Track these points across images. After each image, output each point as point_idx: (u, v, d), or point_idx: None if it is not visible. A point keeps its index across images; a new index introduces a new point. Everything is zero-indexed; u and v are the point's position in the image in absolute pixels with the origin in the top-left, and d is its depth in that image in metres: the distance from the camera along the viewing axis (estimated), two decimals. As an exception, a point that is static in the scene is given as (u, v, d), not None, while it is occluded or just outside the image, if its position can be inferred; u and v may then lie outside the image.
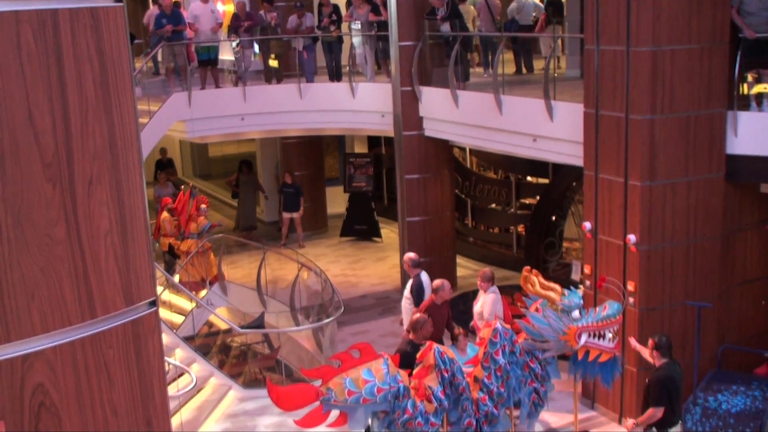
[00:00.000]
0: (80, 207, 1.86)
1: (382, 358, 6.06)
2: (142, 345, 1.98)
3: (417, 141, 11.77)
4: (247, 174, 15.43)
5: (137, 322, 1.97)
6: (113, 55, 1.90)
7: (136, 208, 1.97)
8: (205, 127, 12.18)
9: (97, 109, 1.88)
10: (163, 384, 2.06)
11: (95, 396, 1.91)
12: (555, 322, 6.50)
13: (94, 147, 1.88)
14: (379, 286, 12.92)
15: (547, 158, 10.12)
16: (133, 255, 1.96)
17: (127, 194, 1.95)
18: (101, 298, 1.91)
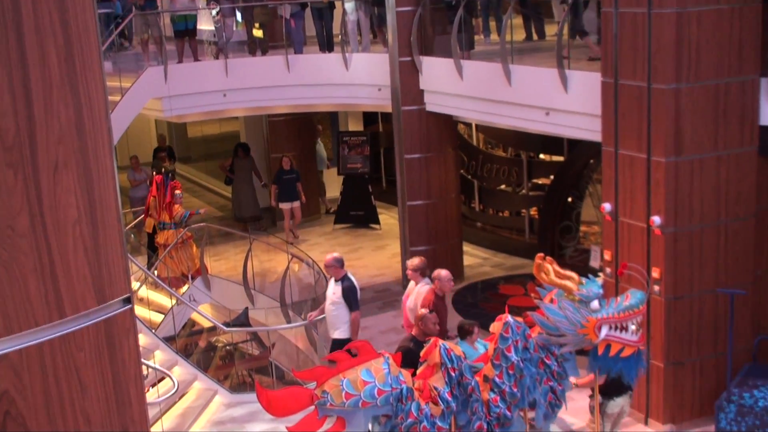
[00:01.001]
0: (45, 195, 1.86)
1: (383, 357, 6.07)
2: (117, 346, 1.98)
3: (418, 117, 11.76)
4: (243, 158, 15.25)
5: (110, 321, 1.97)
6: (79, 27, 1.89)
7: (107, 195, 1.97)
8: (183, 105, 12.15)
9: (62, 87, 1.88)
10: (140, 389, 2.07)
11: (65, 403, 1.91)
12: (572, 314, 6.52)
13: (60, 129, 1.88)
14: (378, 278, 12.95)
15: (562, 133, 10.10)
16: (105, 247, 1.96)
17: (97, 180, 1.94)
18: (70, 296, 1.91)
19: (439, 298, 8.30)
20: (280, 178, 14.43)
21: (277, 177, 14.50)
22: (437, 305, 8.19)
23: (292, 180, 14.41)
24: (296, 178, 14.44)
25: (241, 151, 15.25)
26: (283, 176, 14.39)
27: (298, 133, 15.80)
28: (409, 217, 12.07)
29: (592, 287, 6.61)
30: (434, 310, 8.01)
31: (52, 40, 1.85)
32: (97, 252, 1.95)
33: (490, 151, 14.64)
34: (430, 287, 8.40)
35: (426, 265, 8.43)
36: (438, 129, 11.89)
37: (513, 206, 14.29)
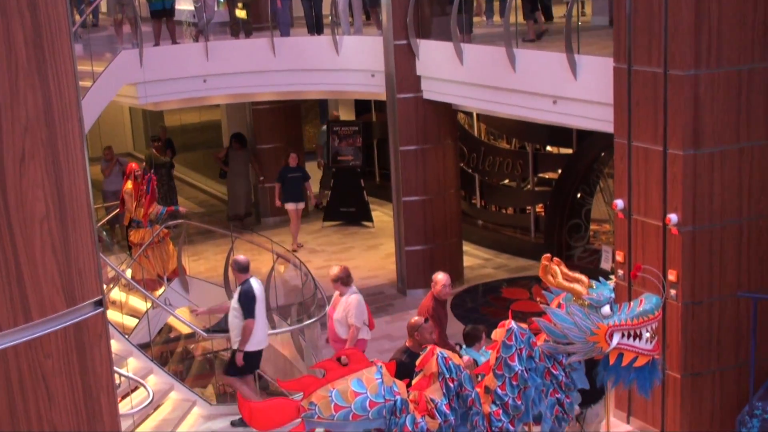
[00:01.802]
0: (10, 189, 1.86)
1: (375, 366, 6.08)
2: (87, 353, 1.98)
3: (414, 105, 11.76)
4: (239, 149, 15.09)
5: (81, 325, 1.97)
6: (48, 7, 1.89)
7: (78, 189, 1.97)
8: (159, 92, 12.13)
9: (30, 71, 1.88)
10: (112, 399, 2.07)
11: (31, 414, 1.92)
12: (581, 320, 6.54)
13: (26, 117, 1.88)
14: (371, 280, 12.95)
15: (570, 123, 10.12)
16: (75, 246, 1.96)
17: (67, 173, 1.95)
18: (37, 298, 1.91)
19: (439, 303, 8.31)
20: (285, 176, 14.06)
21: (282, 175, 14.11)
22: (437, 311, 8.20)
23: (299, 179, 14.10)
24: (303, 177, 14.15)
25: (236, 143, 15.07)
26: (288, 174, 14.07)
27: (284, 123, 15.79)
28: (405, 214, 12.08)
29: (603, 291, 6.62)
30: (433, 316, 8.02)
31: (19, 22, 1.85)
32: (66, 251, 1.95)
33: (493, 142, 14.65)
34: (429, 292, 8.41)
35: (348, 273, 8.47)
36: (436, 118, 11.89)
37: (517, 203, 14.31)
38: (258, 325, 8.36)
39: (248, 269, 8.55)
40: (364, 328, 8.49)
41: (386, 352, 10.37)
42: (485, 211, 14.75)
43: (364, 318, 8.41)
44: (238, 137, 15.15)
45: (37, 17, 1.88)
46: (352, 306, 8.34)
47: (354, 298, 8.35)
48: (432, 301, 8.38)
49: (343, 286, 8.39)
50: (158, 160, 15.41)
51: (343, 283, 8.38)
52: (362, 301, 8.42)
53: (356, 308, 8.32)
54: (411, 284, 12.25)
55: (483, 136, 14.76)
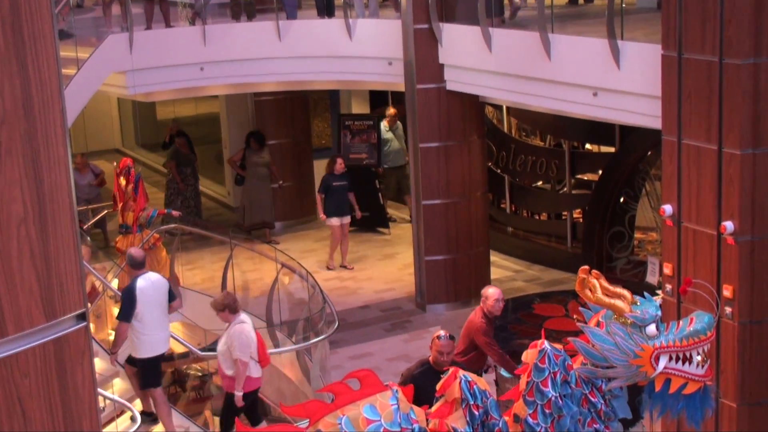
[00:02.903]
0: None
1: (390, 390, 6.07)
2: (68, 372, 1.99)
3: (436, 97, 11.76)
4: (257, 150, 14.72)
5: (61, 341, 1.98)
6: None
7: (59, 189, 1.98)
8: (151, 81, 12.19)
9: (7, 58, 1.89)
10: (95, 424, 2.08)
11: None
12: (624, 340, 6.51)
13: (2, 108, 1.89)
14: (387, 293, 12.95)
15: (613, 118, 10.08)
16: (56, 252, 1.97)
17: (48, 171, 1.96)
18: (13, 311, 1.92)
19: (490, 321, 8.40)
20: (329, 184, 13.46)
21: (325, 184, 13.54)
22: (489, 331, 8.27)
23: (344, 188, 13.55)
24: (348, 186, 13.60)
25: (254, 142, 14.71)
26: (333, 182, 13.46)
27: (290, 116, 15.82)
28: (425, 219, 12.07)
29: (649, 308, 6.59)
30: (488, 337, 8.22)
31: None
32: (46, 258, 1.96)
33: (525, 139, 14.62)
34: (479, 307, 8.42)
35: (234, 300, 8.38)
36: (461, 112, 11.89)
37: (552, 207, 14.27)
38: (150, 327, 8.37)
39: (143, 264, 8.54)
40: (254, 364, 8.33)
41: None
42: (516, 216, 14.70)
43: (251, 351, 8.22)
44: (256, 136, 14.79)
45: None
46: (235, 337, 8.19)
47: (238, 328, 8.19)
48: (484, 319, 8.38)
49: (231, 314, 8.24)
50: (180, 159, 15.33)
51: (230, 311, 8.24)
52: (249, 332, 8.24)
53: (239, 339, 8.14)
54: (431, 298, 12.23)
55: (514, 133, 14.73)
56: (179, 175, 15.24)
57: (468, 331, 8.53)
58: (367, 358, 10.92)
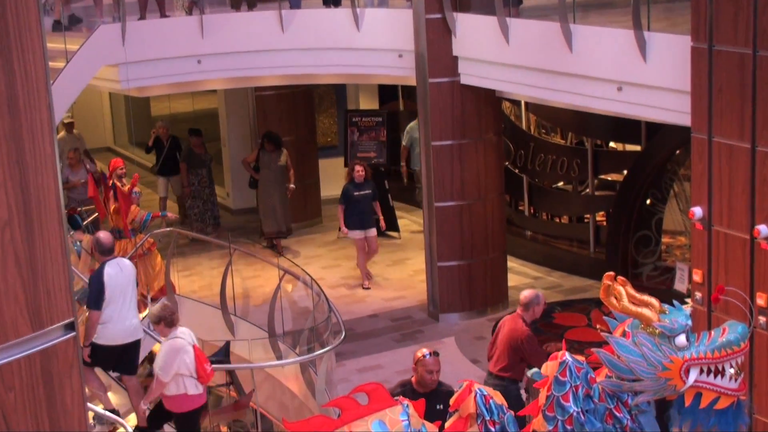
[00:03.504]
0: (-34, 190, 1.87)
1: (401, 404, 6.07)
2: (56, 385, 1.99)
3: (449, 92, 11.75)
4: (273, 152, 14.49)
5: (49, 353, 1.98)
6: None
7: (46, 190, 1.98)
8: (145, 74, 12.20)
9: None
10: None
11: (-10, 459, 1.93)
12: (651, 351, 6.49)
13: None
14: (397, 302, 12.94)
15: (638, 115, 10.06)
16: (43, 258, 1.97)
17: (33, 171, 1.96)
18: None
19: (526, 324, 8.48)
20: (350, 194, 13.11)
21: (346, 194, 13.18)
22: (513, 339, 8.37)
23: (367, 198, 13.16)
24: (372, 195, 13.22)
25: (268, 143, 14.50)
26: (354, 192, 13.11)
27: (293, 112, 15.83)
28: (438, 222, 12.06)
29: (678, 317, 6.57)
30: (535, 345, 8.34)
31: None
32: (32, 263, 1.96)
33: (545, 137, 14.60)
34: (515, 314, 8.50)
35: (170, 312, 8.27)
36: (476, 108, 11.88)
37: (573, 210, 14.25)
38: (114, 317, 8.42)
39: (112, 251, 8.62)
40: (192, 381, 8.24)
41: (414, 388, 10.35)
42: (535, 219, 14.67)
43: (176, 368, 8.11)
44: (270, 137, 14.57)
45: (0, -15, 1.90)
46: (160, 353, 8.17)
47: (165, 345, 8.14)
48: (524, 325, 8.44)
49: (167, 328, 8.18)
50: (193, 161, 15.25)
51: (166, 324, 8.16)
52: (178, 350, 8.13)
53: (163, 357, 8.09)
54: (444, 307, 12.23)
55: (533, 130, 14.71)
56: (191, 177, 15.19)
57: (513, 342, 8.42)
58: (376, 371, 10.91)
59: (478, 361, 10.96)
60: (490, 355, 8.67)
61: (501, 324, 8.71)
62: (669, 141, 11.86)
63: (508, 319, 8.63)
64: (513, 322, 8.55)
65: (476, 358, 11.06)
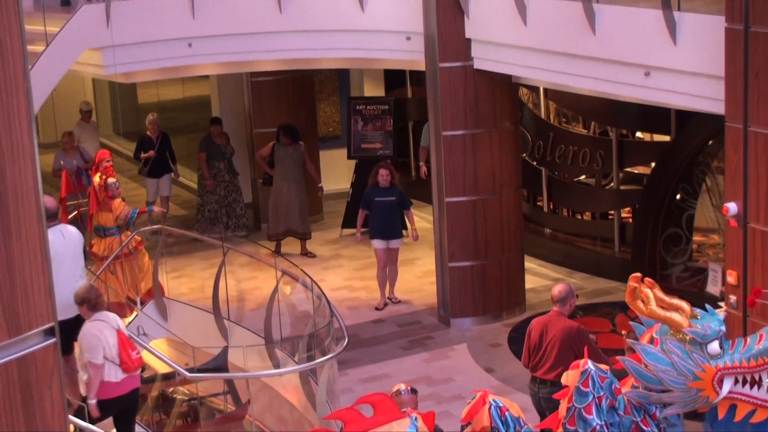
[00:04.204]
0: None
1: (408, 417, 6.07)
2: (35, 396, 1.99)
3: (462, 77, 11.74)
4: (289, 145, 14.40)
5: (27, 361, 1.98)
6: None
7: (24, 184, 1.98)
8: (131, 59, 12.20)
9: (-38, 30, 1.89)
10: (68, 457, 2.07)
11: (-36, 476, 1.93)
12: (682, 359, 6.48)
13: (-42, 90, 1.89)
14: (404, 306, 12.94)
15: (668, 102, 10.04)
16: (20, 258, 1.97)
17: (11, 162, 1.95)
18: (-29, 325, 1.92)
19: (562, 318, 8.58)
20: (371, 199, 12.86)
21: (368, 199, 12.93)
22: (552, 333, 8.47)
23: (391, 205, 12.78)
24: (398, 201, 12.79)
25: (285, 136, 14.43)
26: (376, 197, 12.79)
27: (292, 100, 15.83)
28: (449, 219, 12.05)
29: (711, 322, 6.56)
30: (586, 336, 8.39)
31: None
32: (8, 263, 1.96)
33: (565, 126, 14.58)
34: (552, 314, 8.57)
35: (95, 295, 8.29)
36: (491, 95, 11.86)
37: (597, 205, 14.23)
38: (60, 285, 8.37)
39: (56, 216, 8.75)
40: (113, 367, 8.30)
41: (422, 399, 10.34)
42: (555, 216, 14.66)
43: (103, 351, 8.18)
44: (287, 130, 14.48)
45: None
46: (82, 336, 8.21)
47: (86, 327, 8.20)
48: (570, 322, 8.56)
49: (89, 311, 8.23)
50: (213, 151, 15.06)
51: (89, 306, 8.22)
52: (101, 330, 8.19)
53: (86, 339, 8.14)
54: (456, 311, 12.22)
55: (552, 119, 14.69)
56: (210, 170, 15.08)
57: (568, 341, 8.45)
58: (382, 381, 10.90)
59: (492, 370, 10.97)
60: (535, 363, 8.60)
61: (539, 328, 8.63)
62: (701, 131, 11.84)
63: (549, 321, 8.59)
64: (558, 321, 8.54)
65: (490, 367, 11.06)
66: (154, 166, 15.46)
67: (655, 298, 6.63)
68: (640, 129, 13.88)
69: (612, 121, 13.51)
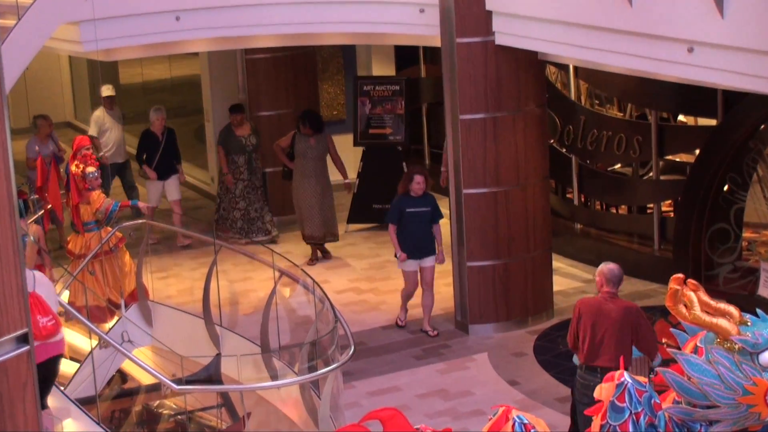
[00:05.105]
0: None
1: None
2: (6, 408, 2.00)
3: (482, 54, 11.73)
4: (311, 136, 14.18)
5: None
6: None
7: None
8: (113, 34, 12.19)
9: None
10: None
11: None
12: (729, 371, 6.47)
13: None
14: (417, 310, 12.91)
15: (714, 81, 10.02)
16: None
17: (-22, 150, 1.96)
18: (-65, 331, 1.92)
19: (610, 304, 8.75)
20: (402, 211, 12.15)
21: (397, 210, 12.21)
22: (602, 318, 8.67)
23: (425, 216, 12.16)
24: (432, 213, 12.19)
25: (303, 126, 14.21)
26: (408, 208, 12.11)
27: (292, 80, 15.83)
28: (468, 214, 12.04)
29: (763, 330, 6.55)
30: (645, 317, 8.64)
31: None
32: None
33: (599, 109, 14.56)
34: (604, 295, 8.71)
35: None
36: (514, 74, 11.85)
37: (634, 198, 14.21)
38: None
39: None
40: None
41: (438, 415, 10.35)
42: (586, 209, 14.64)
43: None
44: (309, 118, 14.31)
45: None
46: None
47: None
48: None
49: None
50: (234, 145, 14.80)
51: None
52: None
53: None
54: (475, 317, 12.21)
55: (583, 101, 14.67)
56: (230, 166, 14.84)
57: (629, 324, 8.64)
58: (392, 394, 10.91)
59: (516, 383, 10.95)
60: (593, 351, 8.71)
61: (591, 312, 8.78)
62: (751, 113, 11.81)
63: (602, 304, 8.74)
64: (615, 302, 8.71)
65: (514, 379, 11.04)
66: (159, 166, 15.08)
67: (699, 302, 6.61)
68: (683, 112, 13.85)
69: (651, 103, 13.48)
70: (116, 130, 15.81)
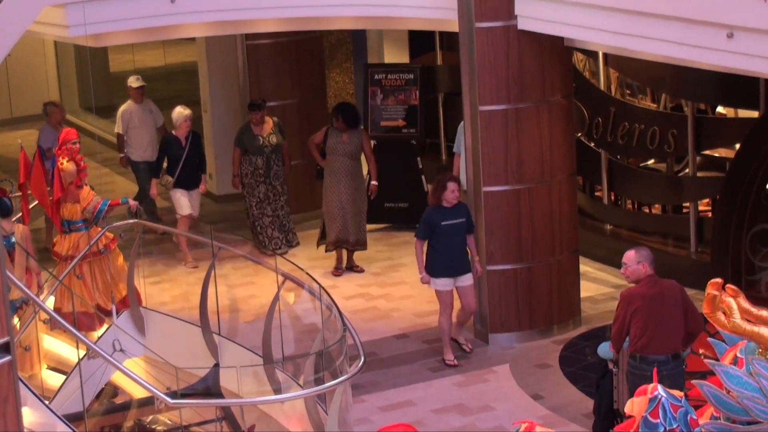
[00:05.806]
0: None
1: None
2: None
3: (504, 40, 11.73)
4: (344, 131, 14.05)
5: (-23, 383, 1.99)
6: None
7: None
8: (102, 17, 12.22)
9: None
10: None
11: None
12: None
13: None
14: (432, 318, 12.91)
15: (756, 70, 10.01)
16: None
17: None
18: None
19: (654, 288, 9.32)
20: (436, 223, 11.74)
21: (431, 224, 11.80)
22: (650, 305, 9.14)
23: (460, 228, 11.78)
24: (466, 224, 11.81)
25: (339, 120, 14.10)
26: (443, 221, 11.69)
27: (296, 67, 15.84)
28: (487, 213, 12.04)
29: (808, 339, 6.55)
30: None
31: None
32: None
33: (630, 100, 14.56)
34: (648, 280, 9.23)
35: None
36: (539, 62, 11.85)
37: (669, 197, 14.21)
38: None
39: None
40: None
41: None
42: (617, 209, 14.64)
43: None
44: (343, 111, 14.21)
45: None
46: None
47: None
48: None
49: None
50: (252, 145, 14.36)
51: None
52: None
53: None
54: (496, 326, 12.21)
55: (614, 91, 14.67)
56: (246, 166, 14.59)
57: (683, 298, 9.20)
58: (406, 409, 10.92)
59: (540, 397, 10.95)
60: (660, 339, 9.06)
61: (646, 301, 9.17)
62: (796, 105, 11.81)
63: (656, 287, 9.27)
64: (666, 282, 9.30)
65: (538, 393, 11.04)
66: (184, 174, 14.61)
67: (739, 310, 6.61)
68: (722, 103, 13.84)
69: (687, 94, 13.48)
70: (147, 128, 15.63)
